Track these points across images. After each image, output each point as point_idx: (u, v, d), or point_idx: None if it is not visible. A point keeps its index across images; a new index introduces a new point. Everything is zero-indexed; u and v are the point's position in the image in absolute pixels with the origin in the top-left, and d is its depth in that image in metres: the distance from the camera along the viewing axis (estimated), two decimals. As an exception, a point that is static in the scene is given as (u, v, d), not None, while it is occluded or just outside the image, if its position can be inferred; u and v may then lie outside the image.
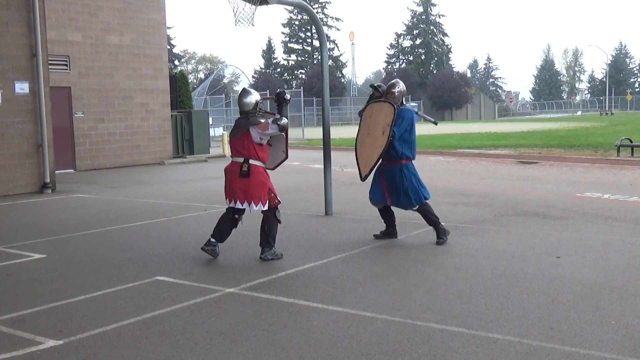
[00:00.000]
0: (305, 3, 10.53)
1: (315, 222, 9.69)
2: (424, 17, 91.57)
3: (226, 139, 26.85)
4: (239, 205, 7.16)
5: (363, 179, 8.11)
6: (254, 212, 7.26)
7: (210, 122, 32.12)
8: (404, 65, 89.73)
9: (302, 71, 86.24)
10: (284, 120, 7.30)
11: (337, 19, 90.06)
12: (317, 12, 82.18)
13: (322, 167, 10.65)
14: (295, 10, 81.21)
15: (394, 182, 7.93)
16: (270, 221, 7.29)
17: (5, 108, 13.92)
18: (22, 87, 14.22)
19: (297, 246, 7.98)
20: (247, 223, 7.79)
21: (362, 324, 5.01)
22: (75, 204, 12.67)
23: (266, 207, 7.18)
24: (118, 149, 21.30)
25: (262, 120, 7.20)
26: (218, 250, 7.36)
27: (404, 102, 8.20)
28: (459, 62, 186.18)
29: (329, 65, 43.10)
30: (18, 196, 13.67)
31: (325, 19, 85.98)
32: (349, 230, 9.01)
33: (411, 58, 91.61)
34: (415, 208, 7.97)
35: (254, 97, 7.35)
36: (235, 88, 75.92)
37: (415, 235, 8.50)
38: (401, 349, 4.48)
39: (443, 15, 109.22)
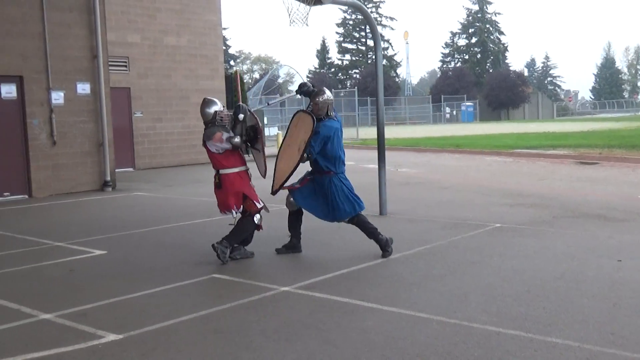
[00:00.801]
0: (359, 2, 10.51)
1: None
2: (479, 15, 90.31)
3: (280, 138, 27.06)
4: (228, 215, 7.26)
5: (273, 192, 7.57)
6: (234, 218, 7.28)
7: (265, 121, 32.33)
8: (459, 64, 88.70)
9: (356, 71, 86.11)
10: (236, 140, 7.14)
11: (392, 18, 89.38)
12: (372, 12, 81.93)
13: (377, 166, 10.61)
14: (350, 10, 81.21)
15: (323, 191, 7.40)
16: (244, 224, 7.23)
17: (68, 108, 14.33)
18: (83, 88, 14.61)
19: (351, 246, 7.97)
20: (306, 223, 7.82)
21: (417, 325, 4.98)
22: (134, 201, 12.95)
23: (239, 212, 7.20)
24: (175, 148, 21.67)
25: (217, 133, 7.14)
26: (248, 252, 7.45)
27: (331, 113, 7.49)
28: (516, 61, 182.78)
29: (383, 65, 42.94)
30: (80, 194, 14.04)
31: (379, 19, 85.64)
32: (403, 230, 8.95)
33: (467, 57, 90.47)
34: (348, 220, 7.46)
35: (214, 107, 7.29)
36: (289, 88, 76.38)
37: (470, 236, 8.40)
38: (456, 351, 4.43)
39: (499, 13, 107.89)
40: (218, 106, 7.35)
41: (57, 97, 14.14)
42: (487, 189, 13.27)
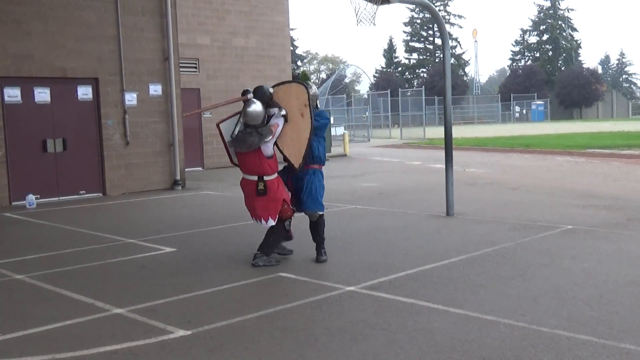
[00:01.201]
0: (427, 1, 10.42)
1: (436, 223, 9.58)
2: (551, 11, 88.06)
3: (347, 138, 27.09)
4: (263, 224, 7.00)
5: (298, 168, 7.11)
6: (264, 227, 7.11)
7: (332, 121, 32.45)
8: (529, 62, 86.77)
9: (424, 70, 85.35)
10: (284, 112, 6.91)
11: (460, 16, 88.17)
12: (440, 10, 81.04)
13: (444, 166, 10.50)
14: (417, 9, 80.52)
15: (301, 185, 7.20)
16: (277, 232, 7.11)
17: (140, 109, 14.73)
18: (155, 89, 14.99)
19: (417, 246, 7.92)
20: (368, 223, 7.82)
21: (484, 327, 4.91)
22: (203, 200, 13.21)
23: (275, 222, 7.01)
24: (243, 148, 21.93)
25: (272, 128, 6.82)
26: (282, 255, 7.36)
27: (318, 106, 7.44)
28: (589, 58, 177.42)
29: (451, 64, 42.47)
30: (151, 192, 14.42)
31: (447, 17, 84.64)
32: (471, 231, 8.84)
33: (537, 55, 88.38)
34: (320, 213, 7.33)
35: (261, 106, 6.85)
36: (356, 88, 76.38)
37: (540, 238, 8.22)
38: (525, 355, 4.34)
39: (572, 10, 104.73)
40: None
41: (131, 98, 14.57)
42: (558, 189, 12.96)
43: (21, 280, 6.82)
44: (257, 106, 6.83)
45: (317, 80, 79.24)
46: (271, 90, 7.05)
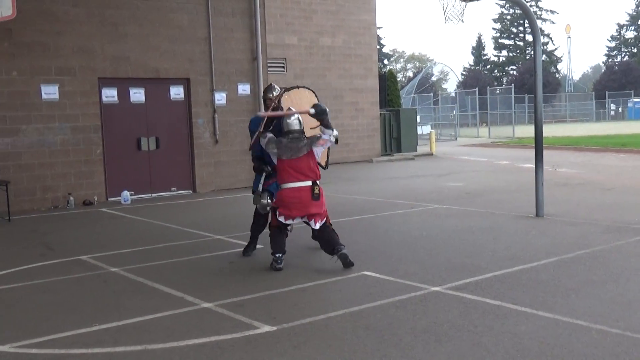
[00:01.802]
0: (518, -3, 10.17)
1: (525, 224, 9.34)
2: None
3: (434, 137, 26.80)
4: (316, 226, 6.94)
5: (325, 167, 7.58)
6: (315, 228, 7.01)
7: (418, 120, 32.19)
8: (626, 58, 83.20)
9: (513, 67, 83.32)
10: (336, 132, 7.03)
11: (552, 12, 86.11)
12: (531, 5, 78.88)
13: (534, 166, 10.23)
14: (507, 5, 78.68)
15: None
16: (329, 230, 7.05)
17: (229, 108, 15.07)
18: (244, 89, 15.30)
19: (505, 247, 7.75)
20: (454, 223, 7.71)
21: (575, 332, 4.75)
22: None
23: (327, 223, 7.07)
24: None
25: (320, 136, 6.96)
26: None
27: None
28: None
29: (543, 61, 41.31)
30: (239, 190, 14.71)
31: (539, 12, 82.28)
32: (561, 233, 8.57)
33: (635, 50, 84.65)
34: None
35: (297, 115, 7.06)
36: (443, 86, 75.41)
37: (636, 241, 7.88)
38: (618, 363, 4.18)
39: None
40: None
41: (220, 97, 14.93)
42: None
43: (116, 273, 7.11)
44: (296, 118, 7.07)
45: (403, 79, 78.74)
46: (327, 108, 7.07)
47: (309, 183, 6.92)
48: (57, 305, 5.93)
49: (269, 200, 7.30)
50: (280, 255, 6.99)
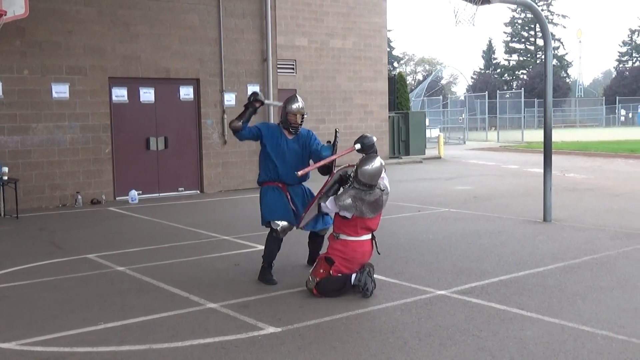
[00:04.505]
0: (529, 1, 10.16)
1: (533, 229, 9.31)
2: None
3: (442, 140, 26.74)
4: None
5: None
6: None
7: (427, 123, 32.13)
8: (637, 63, 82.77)
9: (524, 71, 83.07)
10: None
11: (564, 16, 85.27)
12: (542, 10, 78.65)
13: (542, 171, 10.20)
14: (519, 9, 78.46)
15: (301, 200, 6.80)
16: None
17: (239, 109, 14.93)
18: (253, 90, 15.28)
19: (511, 252, 7.73)
20: (461, 227, 7.69)
21: (580, 338, 4.73)
22: (297, 200, 13.35)
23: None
24: (338, 149, 22.04)
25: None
26: None
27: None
28: None
29: (553, 65, 41.19)
30: (246, 191, 14.72)
31: (550, 17, 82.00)
32: (569, 238, 8.54)
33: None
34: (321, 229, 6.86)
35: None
36: (453, 89, 75.27)
37: (644, 248, 7.84)
38: (623, 370, 4.17)
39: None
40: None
41: (229, 98, 14.95)
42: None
43: (122, 272, 7.14)
44: (377, 161, 6.07)
45: (413, 82, 78.66)
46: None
47: (370, 236, 6.17)
48: (63, 303, 5.96)
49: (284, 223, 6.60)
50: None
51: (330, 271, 5.97)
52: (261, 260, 6.69)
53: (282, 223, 6.59)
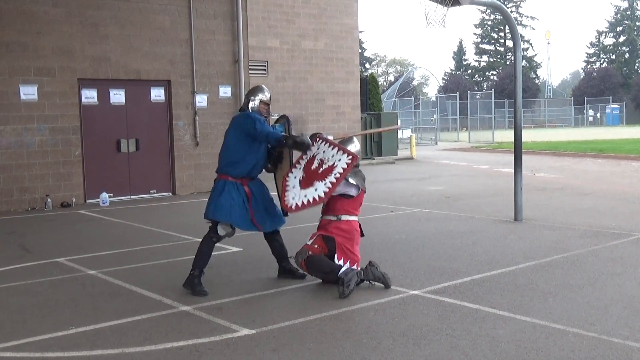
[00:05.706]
0: (498, 2, 10.26)
1: (504, 228, 9.41)
2: (629, 12, 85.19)
3: (414, 141, 26.89)
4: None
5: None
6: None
7: (399, 124, 32.28)
8: (605, 64, 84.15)
9: (494, 72, 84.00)
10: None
11: (533, 18, 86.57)
12: (512, 11, 79.55)
13: (512, 170, 10.31)
14: (488, 10, 79.26)
15: (262, 198, 7.03)
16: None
17: (210, 110, 15.01)
18: (225, 91, 15.27)
19: (484, 251, 7.80)
20: (434, 227, 7.74)
21: (552, 336, 4.79)
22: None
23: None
24: (310, 150, 22.07)
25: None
26: None
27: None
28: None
29: (523, 66, 41.62)
30: (219, 192, 14.64)
31: (519, 18, 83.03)
32: (540, 237, 8.64)
33: (613, 57, 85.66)
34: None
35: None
36: (424, 90, 75.73)
37: (613, 246, 7.97)
38: (594, 366, 4.22)
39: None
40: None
41: (201, 100, 14.87)
42: (632, 196, 12.53)
43: (93, 276, 7.05)
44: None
45: (384, 83, 78.98)
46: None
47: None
48: (33, 308, 5.87)
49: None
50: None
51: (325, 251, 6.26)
52: (235, 263, 6.65)
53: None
